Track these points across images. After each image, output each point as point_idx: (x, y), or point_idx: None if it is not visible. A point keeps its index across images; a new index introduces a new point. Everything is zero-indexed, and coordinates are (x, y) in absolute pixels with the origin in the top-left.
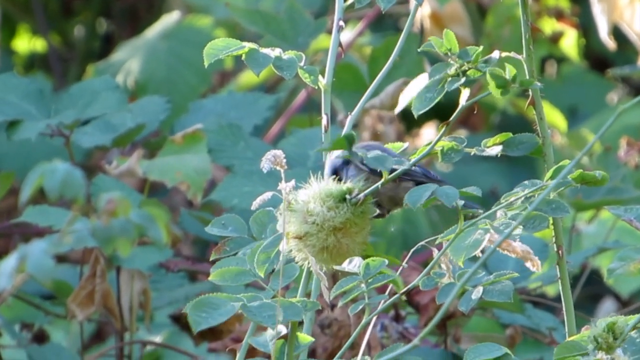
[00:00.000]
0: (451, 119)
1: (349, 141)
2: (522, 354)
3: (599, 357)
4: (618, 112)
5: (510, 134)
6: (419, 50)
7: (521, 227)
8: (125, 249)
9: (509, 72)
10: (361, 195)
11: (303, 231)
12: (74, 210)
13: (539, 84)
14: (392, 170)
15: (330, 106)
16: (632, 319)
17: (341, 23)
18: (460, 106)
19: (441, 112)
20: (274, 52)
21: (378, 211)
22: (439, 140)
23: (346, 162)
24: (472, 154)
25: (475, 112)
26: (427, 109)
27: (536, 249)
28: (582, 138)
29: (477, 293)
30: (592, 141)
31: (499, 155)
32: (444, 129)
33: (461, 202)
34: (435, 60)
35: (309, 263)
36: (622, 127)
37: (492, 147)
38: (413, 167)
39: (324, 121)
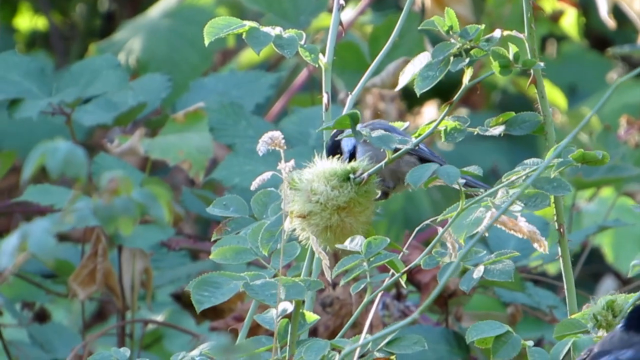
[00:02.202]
0: (454, 98)
1: (353, 120)
2: (522, 332)
3: (599, 334)
4: (614, 84)
5: (513, 113)
6: (418, 28)
7: (523, 205)
8: (127, 228)
9: (512, 51)
10: (365, 175)
11: (307, 210)
12: (76, 189)
13: (541, 63)
14: (397, 150)
15: (331, 85)
16: (632, 297)
17: (341, 2)
18: (463, 86)
19: (443, 90)
20: (275, 31)
21: (383, 188)
22: (442, 119)
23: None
24: (475, 133)
25: (478, 92)
26: (429, 87)
27: (537, 227)
28: (582, 116)
29: (478, 272)
30: (589, 115)
31: (501, 135)
32: (447, 108)
33: (462, 181)
34: (436, 39)
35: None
36: (621, 105)
37: (495, 127)
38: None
39: (325, 100)
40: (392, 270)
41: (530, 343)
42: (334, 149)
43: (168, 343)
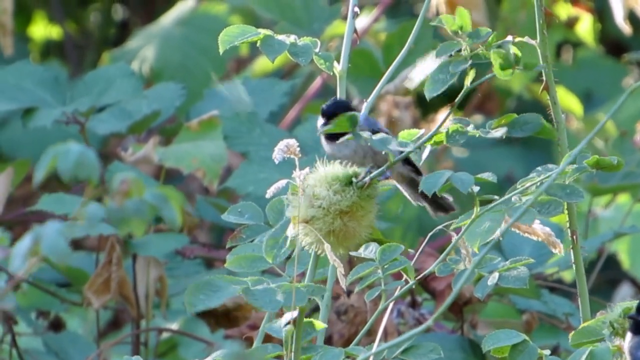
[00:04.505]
0: (456, 100)
1: (353, 122)
2: (538, 340)
3: (616, 343)
4: (629, 90)
5: (515, 115)
6: (429, 24)
7: (536, 211)
8: (139, 229)
9: (513, 52)
10: (367, 179)
11: (309, 215)
12: (88, 193)
13: (550, 67)
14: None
15: (345, 92)
16: None
17: (356, 9)
18: (464, 88)
19: (456, 97)
20: (289, 39)
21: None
22: (443, 122)
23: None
24: (477, 136)
25: (488, 96)
26: (440, 91)
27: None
28: (597, 123)
29: (492, 279)
30: (604, 121)
31: (504, 137)
32: (449, 110)
33: (476, 188)
34: None
35: (316, 247)
36: (637, 111)
37: (497, 129)
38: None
39: None
40: (405, 277)
41: (547, 352)
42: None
43: (183, 351)
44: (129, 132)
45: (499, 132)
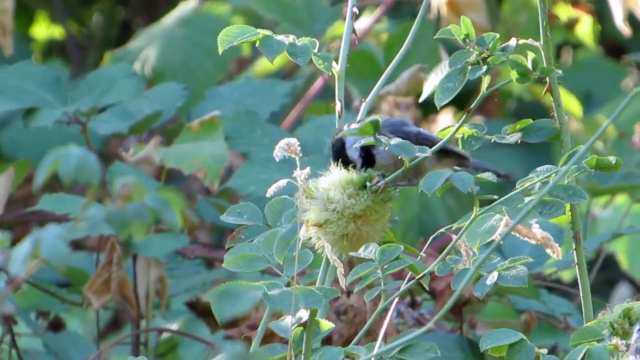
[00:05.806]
0: (472, 106)
1: (375, 127)
2: (537, 340)
3: (614, 342)
4: (632, 93)
5: (530, 120)
6: (435, 37)
7: (538, 212)
8: (139, 233)
9: (530, 59)
10: (382, 183)
11: (323, 219)
12: (89, 196)
13: (559, 71)
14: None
15: (345, 93)
16: None
17: (355, 10)
18: (480, 94)
19: (458, 98)
20: (288, 39)
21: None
22: (459, 127)
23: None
24: (492, 141)
25: (495, 99)
26: (449, 99)
27: (551, 234)
28: (597, 124)
29: (492, 278)
30: (606, 124)
31: (518, 142)
32: (464, 116)
33: (477, 188)
34: (451, 47)
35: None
36: (636, 113)
37: (512, 135)
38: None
39: (338, 108)
40: (407, 277)
41: (544, 351)
42: (340, 154)
43: (183, 351)
44: (131, 133)
45: (514, 138)
